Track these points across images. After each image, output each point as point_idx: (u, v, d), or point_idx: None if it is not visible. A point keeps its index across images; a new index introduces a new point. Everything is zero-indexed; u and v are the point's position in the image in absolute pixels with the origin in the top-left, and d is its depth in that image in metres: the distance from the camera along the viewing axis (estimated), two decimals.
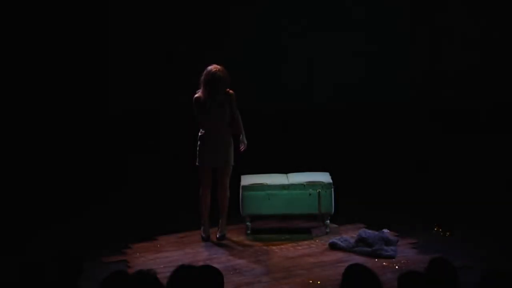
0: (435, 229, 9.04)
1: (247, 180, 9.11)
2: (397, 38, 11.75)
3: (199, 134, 8.77)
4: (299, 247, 8.70)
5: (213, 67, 8.61)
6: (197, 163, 8.81)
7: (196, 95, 8.67)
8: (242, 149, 8.84)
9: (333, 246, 8.62)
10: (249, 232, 9.07)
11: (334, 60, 11.73)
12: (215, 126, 8.70)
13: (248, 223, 9.08)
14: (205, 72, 8.62)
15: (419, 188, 10.44)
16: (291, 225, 9.30)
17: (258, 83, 11.63)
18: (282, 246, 8.75)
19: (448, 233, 8.94)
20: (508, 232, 8.85)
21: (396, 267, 8.01)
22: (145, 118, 11.70)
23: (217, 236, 8.97)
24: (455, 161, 11.12)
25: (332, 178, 9.11)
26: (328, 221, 9.05)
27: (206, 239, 8.94)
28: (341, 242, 8.63)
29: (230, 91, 8.71)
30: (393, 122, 11.64)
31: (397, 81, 11.74)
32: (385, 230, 8.73)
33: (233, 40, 11.67)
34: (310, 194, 8.97)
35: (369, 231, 8.66)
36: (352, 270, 5.13)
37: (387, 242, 8.49)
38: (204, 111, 8.63)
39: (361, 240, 8.53)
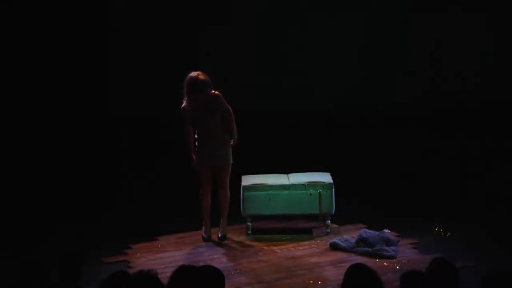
0: (435, 229, 9.04)
1: (248, 180, 9.11)
2: (396, 39, 11.77)
3: (195, 137, 8.79)
4: (300, 247, 8.69)
5: (193, 74, 8.64)
6: (196, 164, 8.81)
7: (183, 106, 8.70)
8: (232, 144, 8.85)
9: (334, 246, 8.62)
10: (250, 232, 9.06)
11: (335, 60, 11.72)
12: (208, 128, 8.70)
13: (249, 223, 9.07)
14: (186, 79, 8.63)
15: (419, 188, 10.44)
16: (292, 225, 9.29)
17: (258, 83, 11.63)
18: (283, 246, 8.74)
19: (448, 233, 8.94)
20: (508, 232, 8.85)
21: (397, 267, 8.00)
22: (146, 119, 11.71)
23: (218, 236, 8.97)
24: (456, 161, 11.12)
25: (332, 178, 9.12)
26: (329, 221, 9.05)
27: (207, 239, 8.94)
28: (342, 242, 8.62)
29: (216, 92, 8.72)
30: (393, 122, 11.63)
31: (397, 81, 11.74)
32: (386, 230, 8.73)
33: (233, 40, 11.68)
34: (310, 194, 8.97)
35: (370, 231, 8.66)
36: (354, 270, 5.13)
37: (388, 242, 8.48)
38: (194, 117, 8.66)
39: (361, 240, 8.52)
